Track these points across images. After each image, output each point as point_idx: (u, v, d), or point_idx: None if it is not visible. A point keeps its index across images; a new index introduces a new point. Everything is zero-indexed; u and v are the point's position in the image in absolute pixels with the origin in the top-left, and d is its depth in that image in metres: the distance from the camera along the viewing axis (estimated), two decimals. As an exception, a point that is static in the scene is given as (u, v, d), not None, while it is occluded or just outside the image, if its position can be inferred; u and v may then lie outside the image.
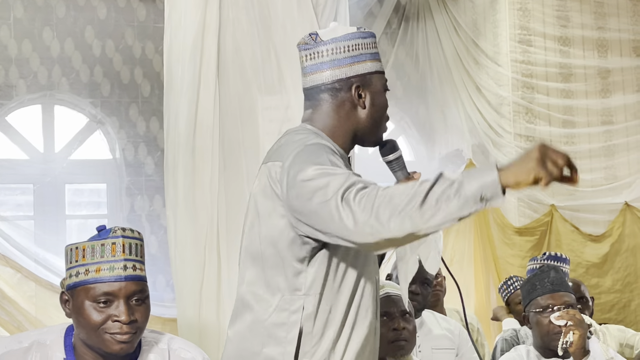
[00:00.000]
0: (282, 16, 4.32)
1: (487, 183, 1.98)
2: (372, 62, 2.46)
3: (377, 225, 2.02)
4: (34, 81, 5.96)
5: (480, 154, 6.73)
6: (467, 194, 1.99)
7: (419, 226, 2.01)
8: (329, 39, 2.41)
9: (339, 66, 2.41)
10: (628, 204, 6.87)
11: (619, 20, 7.06)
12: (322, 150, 2.25)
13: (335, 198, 2.08)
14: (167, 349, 2.43)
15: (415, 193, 2.01)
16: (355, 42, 2.43)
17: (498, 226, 6.62)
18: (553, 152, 2.00)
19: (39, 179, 5.97)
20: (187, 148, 4.22)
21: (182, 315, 4.23)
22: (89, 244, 2.32)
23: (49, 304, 5.52)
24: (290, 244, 2.28)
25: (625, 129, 6.99)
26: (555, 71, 6.86)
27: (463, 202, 1.99)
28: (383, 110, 2.48)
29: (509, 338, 4.30)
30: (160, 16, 6.15)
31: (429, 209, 2.00)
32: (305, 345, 2.29)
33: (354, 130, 2.44)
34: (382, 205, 2.02)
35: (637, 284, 6.87)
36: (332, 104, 2.42)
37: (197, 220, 4.20)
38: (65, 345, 2.36)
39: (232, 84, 4.29)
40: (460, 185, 1.99)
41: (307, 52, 2.43)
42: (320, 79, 2.42)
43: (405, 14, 6.88)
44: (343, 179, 2.11)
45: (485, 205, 2.00)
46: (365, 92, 2.43)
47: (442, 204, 1.99)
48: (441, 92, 6.76)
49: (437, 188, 2.01)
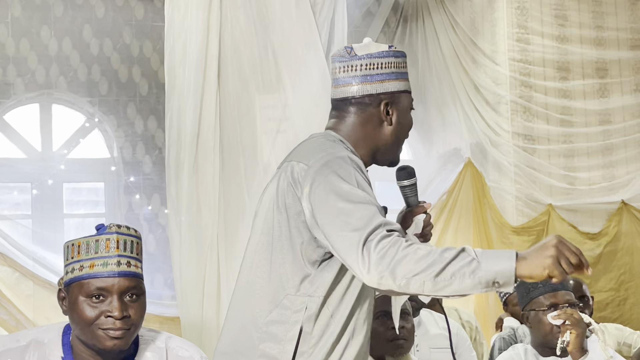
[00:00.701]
0: (280, 15, 4.32)
1: (504, 271, 2.05)
2: (401, 81, 2.52)
3: (389, 278, 2.09)
4: (31, 80, 5.96)
5: (479, 153, 6.73)
6: (482, 276, 2.05)
7: (427, 291, 2.08)
8: (363, 54, 2.48)
9: (371, 82, 2.47)
10: (625, 203, 6.88)
11: (617, 19, 7.06)
12: (351, 168, 2.29)
13: (359, 236, 2.13)
14: (165, 348, 2.42)
15: (434, 262, 2.07)
16: (388, 60, 2.49)
17: (496, 225, 6.63)
18: (568, 251, 2.08)
19: (36, 177, 5.96)
20: (191, 147, 4.22)
21: (185, 315, 4.23)
22: (84, 240, 2.33)
23: (47, 303, 5.52)
24: (305, 244, 2.31)
25: (623, 129, 7.00)
26: (553, 70, 6.87)
27: (476, 283, 2.05)
28: (407, 129, 2.55)
29: (507, 337, 4.30)
30: (159, 15, 6.16)
31: (443, 280, 2.06)
32: (304, 345, 2.30)
33: (377, 145, 2.50)
34: (400, 263, 2.08)
35: (632, 282, 6.88)
36: (359, 118, 2.48)
37: (200, 219, 4.20)
38: (63, 344, 2.36)
39: (230, 83, 4.30)
40: (478, 267, 2.05)
41: (342, 65, 2.49)
42: (350, 92, 2.48)
43: (404, 13, 6.88)
44: (370, 214, 2.16)
45: (495, 289, 2.07)
46: (393, 109, 2.49)
47: (456, 279, 2.05)
48: (439, 91, 6.76)
49: (456, 263, 2.06)
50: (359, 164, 2.34)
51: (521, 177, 6.69)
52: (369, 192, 2.24)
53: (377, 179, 5.63)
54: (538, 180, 6.75)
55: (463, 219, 6.60)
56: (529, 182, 6.71)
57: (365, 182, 2.28)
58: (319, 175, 2.25)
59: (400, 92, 2.51)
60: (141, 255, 2.39)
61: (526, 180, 6.70)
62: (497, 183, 6.73)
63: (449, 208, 6.53)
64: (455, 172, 6.71)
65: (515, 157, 6.69)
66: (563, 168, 6.83)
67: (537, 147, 6.78)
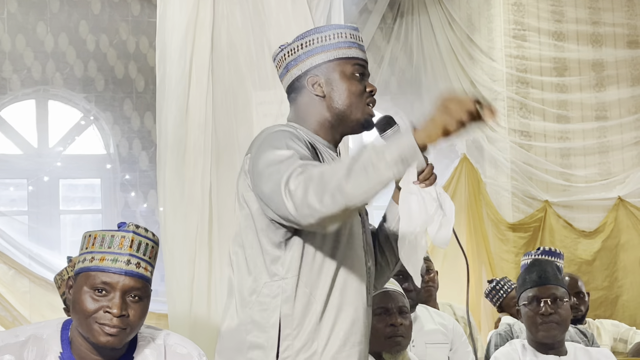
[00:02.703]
0: (276, 12, 4.31)
1: (405, 144, 2.04)
2: (329, 52, 2.49)
3: (313, 205, 2.08)
4: (27, 76, 5.95)
5: (475, 149, 6.74)
6: (389, 158, 2.03)
7: (350, 197, 2.06)
8: (284, 44, 2.55)
9: (296, 65, 2.51)
10: (622, 199, 6.88)
11: (614, 14, 7.06)
12: (282, 136, 2.31)
13: (281, 187, 2.14)
14: (164, 345, 2.43)
15: (341, 167, 2.07)
16: (309, 37, 2.51)
17: (492, 222, 6.63)
18: (454, 98, 2.06)
19: (33, 174, 5.96)
20: (177, 144, 4.21)
21: (172, 311, 4.23)
22: (101, 233, 2.35)
23: (43, 300, 5.52)
24: (266, 229, 2.33)
25: (620, 125, 7.00)
26: (550, 66, 6.88)
27: (387, 166, 2.04)
28: (350, 95, 2.48)
29: (503, 333, 4.31)
30: (154, 11, 6.14)
31: (357, 177, 2.04)
32: (287, 328, 2.32)
33: (325, 119, 2.49)
34: (313, 185, 2.08)
35: (625, 280, 6.88)
36: (300, 101, 2.51)
37: (187, 215, 4.19)
38: (62, 339, 2.36)
39: (226, 79, 4.29)
40: (382, 152, 2.04)
41: (275, 63, 2.58)
42: (286, 82, 2.54)
43: (400, 9, 6.89)
44: (288, 164, 2.17)
45: (408, 166, 2.06)
46: (321, 81, 2.48)
47: (369, 170, 2.04)
48: (436, 87, 6.76)
49: (361, 158, 2.05)
50: (293, 133, 2.35)
51: (517, 174, 6.70)
52: (296, 149, 2.25)
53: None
54: (534, 177, 6.75)
55: (458, 215, 6.60)
56: (525, 178, 6.72)
57: (296, 144, 2.28)
58: (256, 158, 2.30)
59: (327, 62, 2.48)
60: (154, 261, 2.40)
61: (522, 177, 6.71)
62: (493, 179, 6.74)
63: (445, 204, 6.53)
64: (450, 167, 6.73)
65: (512, 154, 6.70)
66: (559, 165, 6.84)
67: (533, 143, 6.78)
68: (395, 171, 2.04)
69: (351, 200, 2.06)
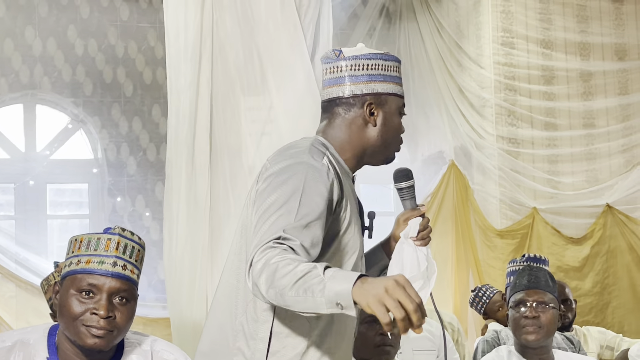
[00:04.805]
0: (265, 17, 4.32)
1: (342, 292, 1.92)
2: (389, 84, 2.51)
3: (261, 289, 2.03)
4: (15, 80, 5.93)
5: (463, 156, 6.75)
6: (327, 295, 1.94)
7: (289, 305, 2.01)
8: (349, 56, 2.48)
9: (356, 82, 2.47)
10: (610, 206, 6.90)
11: (601, 24, 7.09)
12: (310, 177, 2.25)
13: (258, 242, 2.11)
14: (150, 351, 2.43)
15: (292, 275, 1.98)
16: (375, 62, 2.49)
17: (480, 228, 6.64)
18: (404, 295, 1.88)
19: (20, 178, 5.94)
20: (187, 149, 4.23)
21: (175, 316, 4.22)
22: (87, 236, 2.35)
23: (29, 305, 5.50)
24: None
25: (607, 133, 7.03)
26: (538, 74, 6.90)
27: (322, 301, 1.94)
28: (395, 132, 2.53)
29: (490, 339, 4.31)
30: (144, 16, 6.15)
31: (297, 294, 1.97)
32: (276, 344, 2.31)
33: (363, 147, 2.49)
34: (267, 273, 2.01)
35: (615, 286, 6.90)
36: (345, 119, 2.48)
37: (194, 220, 4.21)
38: (48, 344, 2.36)
39: (215, 84, 4.30)
40: (324, 287, 1.94)
41: (328, 66, 2.51)
42: (336, 93, 2.48)
43: (389, 15, 6.89)
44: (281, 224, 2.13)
45: (343, 310, 1.94)
46: (379, 111, 2.48)
47: (308, 295, 1.96)
48: (424, 94, 6.77)
49: (309, 278, 1.96)
50: (325, 171, 2.31)
51: (505, 181, 6.71)
52: (305, 203, 2.20)
53: (363, 182, 5.65)
54: (522, 184, 6.77)
55: (447, 222, 6.61)
56: (513, 185, 6.73)
57: (315, 192, 2.23)
58: (272, 177, 2.28)
59: (387, 94, 2.49)
60: (140, 264, 2.40)
61: (510, 184, 6.72)
62: (481, 186, 6.75)
63: (432, 211, 6.54)
64: (438, 174, 6.73)
65: (500, 161, 6.71)
66: (547, 172, 6.85)
67: (521, 150, 6.80)
68: (327, 309, 1.95)
69: (291, 307, 2.02)
